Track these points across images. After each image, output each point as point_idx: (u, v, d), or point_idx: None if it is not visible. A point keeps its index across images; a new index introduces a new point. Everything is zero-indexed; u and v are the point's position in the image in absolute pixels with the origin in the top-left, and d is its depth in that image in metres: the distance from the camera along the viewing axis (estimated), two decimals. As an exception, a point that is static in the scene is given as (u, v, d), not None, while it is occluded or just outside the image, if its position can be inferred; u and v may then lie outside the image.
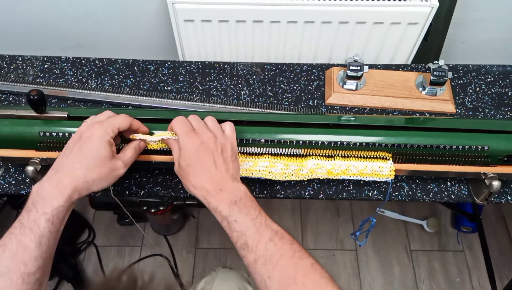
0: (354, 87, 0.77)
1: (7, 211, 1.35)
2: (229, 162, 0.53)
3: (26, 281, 0.44)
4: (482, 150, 0.60)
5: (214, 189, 0.50)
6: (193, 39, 0.90)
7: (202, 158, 0.51)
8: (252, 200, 0.51)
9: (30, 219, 0.47)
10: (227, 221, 0.49)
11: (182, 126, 0.54)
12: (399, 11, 0.83)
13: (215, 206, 0.50)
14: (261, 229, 0.48)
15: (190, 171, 0.52)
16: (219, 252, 1.36)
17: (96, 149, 0.51)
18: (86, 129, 0.52)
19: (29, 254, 0.45)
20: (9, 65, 0.81)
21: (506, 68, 0.83)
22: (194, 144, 0.52)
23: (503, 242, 1.40)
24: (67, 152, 0.51)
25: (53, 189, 0.48)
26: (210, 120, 0.56)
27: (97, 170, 0.51)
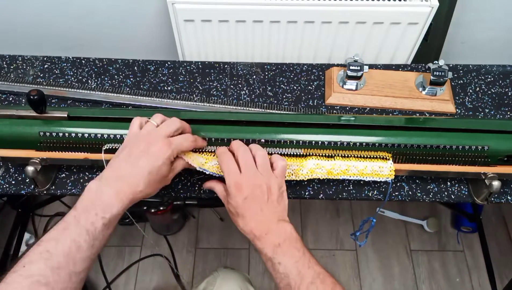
0: (354, 87, 0.77)
1: (7, 211, 1.35)
2: (276, 205, 0.54)
3: (72, 279, 0.45)
4: (482, 150, 0.60)
5: (260, 233, 0.52)
6: (193, 39, 0.90)
7: (249, 207, 0.53)
8: (297, 241, 0.52)
9: (89, 220, 0.47)
10: (271, 263, 0.51)
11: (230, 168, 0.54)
12: (399, 11, 0.83)
13: (261, 249, 0.52)
14: (303, 271, 0.49)
15: (238, 218, 0.54)
16: (219, 252, 1.36)
17: (160, 169, 0.52)
18: (155, 141, 0.52)
19: (81, 254, 0.46)
20: (9, 65, 0.81)
21: (506, 68, 0.83)
22: (242, 194, 0.53)
23: (503, 242, 1.39)
24: (131, 161, 0.51)
25: (114, 196, 0.49)
26: (261, 157, 0.56)
27: (154, 186, 0.52)
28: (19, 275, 0.43)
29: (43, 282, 0.43)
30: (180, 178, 0.68)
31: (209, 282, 0.81)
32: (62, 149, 0.61)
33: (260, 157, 0.56)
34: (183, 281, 1.29)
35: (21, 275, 0.43)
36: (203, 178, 0.68)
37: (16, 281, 0.43)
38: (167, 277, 1.31)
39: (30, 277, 0.43)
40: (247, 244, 1.38)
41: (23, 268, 0.44)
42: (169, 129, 0.54)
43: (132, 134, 0.55)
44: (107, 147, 0.60)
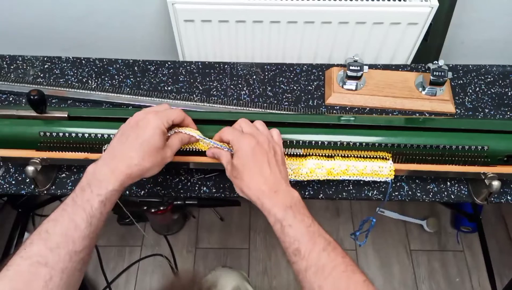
0: (354, 87, 0.77)
1: (7, 211, 1.35)
2: (280, 165, 0.54)
3: (72, 259, 0.45)
4: (482, 150, 0.60)
5: (269, 191, 0.51)
6: (193, 39, 0.90)
7: (257, 158, 0.52)
8: (305, 207, 0.51)
9: (84, 198, 0.47)
10: (280, 225, 0.49)
11: (233, 132, 0.55)
12: (399, 11, 0.83)
13: (269, 208, 0.50)
14: (315, 237, 0.48)
15: (245, 172, 0.52)
16: (219, 252, 1.36)
17: (152, 139, 0.51)
18: (143, 117, 0.53)
19: (79, 233, 0.46)
20: (9, 65, 0.81)
21: (506, 68, 0.83)
22: (251, 144, 0.53)
23: (503, 242, 1.40)
24: (123, 138, 0.52)
25: (110, 173, 0.49)
26: (260, 124, 0.57)
27: (150, 159, 0.51)
28: (20, 257, 0.44)
29: (43, 263, 0.43)
30: (180, 178, 0.68)
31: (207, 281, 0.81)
32: (62, 149, 0.61)
33: (260, 124, 0.57)
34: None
35: (22, 256, 0.44)
36: (203, 178, 0.68)
37: (16, 263, 0.43)
38: (167, 277, 1.31)
39: (30, 258, 0.43)
40: (247, 244, 1.38)
41: (24, 250, 0.44)
42: (157, 108, 0.55)
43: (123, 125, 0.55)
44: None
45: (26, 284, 0.42)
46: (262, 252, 1.36)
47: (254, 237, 1.39)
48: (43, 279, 0.43)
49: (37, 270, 0.43)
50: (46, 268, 0.43)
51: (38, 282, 0.42)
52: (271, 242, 1.38)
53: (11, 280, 0.42)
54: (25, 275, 0.42)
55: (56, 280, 0.43)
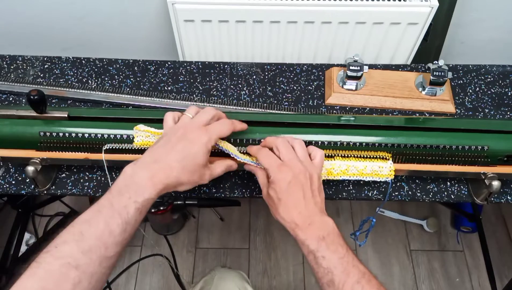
0: (354, 87, 0.77)
1: (7, 211, 1.35)
2: (317, 195, 0.53)
3: (102, 264, 0.44)
4: (482, 150, 0.60)
5: (303, 223, 0.51)
6: (193, 39, 0.90)
7: (292, 192, 0.52)
8: (339, 236, 0.51)
9: (121, 204, 0.46)
10: (314, 256, 0.49)
11: (270, 159, 0.54)
12: (399, 11, 0.83)
13: (303, 240, 0.50)
14: (349, 268, 0.48)
15: (280, 205, 0.52)
16: (219, 252, 1.36)
17: (197, 156, 0.51)
18: (191, 130, 0.52)
19: (112, 239, 0.45)
20: (9, 65, 0.81)
21: (506, 68, 0.83)
22: (286, 179, 0.52)
23: (503, 242, 1.40)
24: (168, 146, 0.51)
25: (148, 180, 0.48)
26: (300, 146, 0.56)
27: (189, 175, 0.51)
28: (51, 256, 0.43)
29: (74, 265, 0.42)
30: (180, 178, 0.68)
31: (206, 281, 0.81)
32: (62, 149, 0.61)
33: (299, 146, 0.56)
34: (183, 281, 1.29)
35: (53, 255, 0.43)
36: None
37: (47, 262, 0.43)
38: (167, 277, 1.31)
39: (61, 258, 0.43)
40: (247, 244, 1.38)
41: (55, 249, 0.43)
42: (205, 118, 0.54)
43: (168, 127, 0.55)
44: (107, 147, 0.60)
45: (56, 285, 0.41)
46: (262, 252, 1.37)
47: (254, 237, 1.39)
48: (72, 282, 0.42)
49: (67, 272, 0.42)
50: (77, 271, 0.42)
51: (67, 284, 0.42)
52: (271, 242, 1.38)
53: (42, 279, 0.41)
54: (56, 275, 0.42)
55: (85, 284, 0.43)
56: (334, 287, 0.47)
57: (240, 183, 0.68)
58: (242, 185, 0.68)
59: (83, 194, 0.67)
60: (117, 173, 0.68)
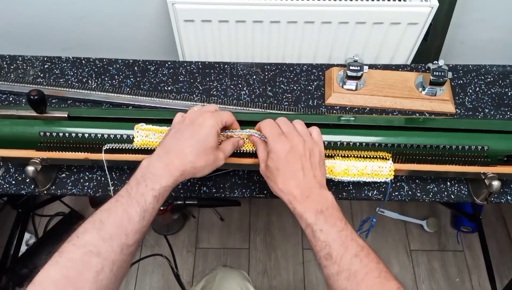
0: (354, 87, 0.77)
1: (7, 211, 1.35)
2: (316, 168, 0.53)
3: (123, 251, 0.45)
4: (482, 150, 0.60)
5: (301, 195, 0.50)
6: (193, 39, 0.90)
7: (291, 162, 0.52)
8: (338, 210, 0.50)
9: (139, 192, 0.47)
10: (311, 229, 0.49)
11: (271, 129, 0.54)
12: (399, 11, 0.83)
13: (301, 213, 0.50)
14: (347, 242, 0.47)
15: (279, 175, 0.52)
16: (219, 252, 1.36)
17: (207, 138, 0.52)
18: (198, 115, 0.53)
19: (132, 226, 0.46)
20: (9, 65, 0.81)
21: (506, 68, 0.83)
22: (285, 148, 0.52)
23: (503, 242, 1.40)
24: (178, 135, 0.52)
25: (164, 168, 0.49)
26: (299, 123, 0.56)
27: (204, 158, 0.51)
28: (72, 245, 0.44)
29: (95, 252, 0.43)
30: (180, 178, 0.68)
31: (208, 280, 0.81)
32: (62, 149, 0.61)
33: (299, 123, 0.56)
34: (183, 281, 1.29)
35: (74, 244, 0.44)
36: (203, 178, 0.68)
37: (69, 251, 0.43)
38: (167, 277, 1.31)
39: (83, 246, 0.43)
40: (247, 244, 1.38)
41: (77, 238, 0.44)
42: (210, 108, 0.56)
43: (175, 121, 0.56)
44: (107, 147, 0.60)
45: (78, 273, 0.42)
46: (262, 252, 1.37)
47: (254, 237, 1.39)
48: (94, 269, 0.42)
49: (89, 260, 0.43)
50: (98, 258, 0.43)
51: (90, 272, 0.42)
52: (271, 242, 1.38)
53: (63, 267, 0.42)
54: (78, 263, 0.42)
55: (107, 271, 0.43)
56: (331, 261, 0.47)
57: (240, 183, 0.68)
58: (242, 185, 0.68)
59: (83, 194, 0.67)
60: (117, 173, 0.68)
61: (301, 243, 1.38)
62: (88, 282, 0.42)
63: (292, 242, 1.38)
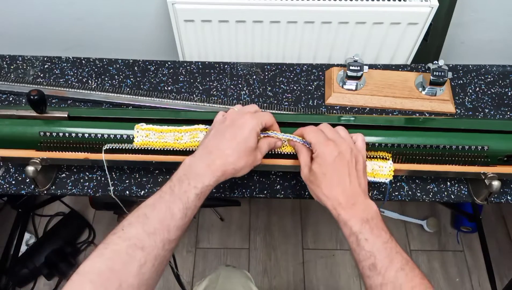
0: (354, 87, 0.77)
1: (7, 211, 1.35)
2: (361, 176, 0.53)
3: (165, 247, 0.46)
4: (482, 150, 0.60)
5: (347, 202, 0.50)
6: (193, 39, 0.90)
7: (338, 168, 0.51)
8: (382, 221, 0.50)
9: (182, 189, 0.48)
10: (356, 237, 0.49)
11: (317, 135, 0.54)
12: (399, 11, 0.83)
13: (346, 220, 0.50)
14: (392, 254, 0.47)
15: (324, 180, 0.52)
16: (219, 252, 1.36)
17: (248, 139, 0.52)
18: (239, 117, 0.54)
19: (174, 222, 0.47)
20: (9, 65, 0.81)
21: (506, 68, 0.83)
22: (332, 153, 0.52)
23: (503, 242, 1.40)
24: (219, 135, 0.53)
25: (206, 168, 0.50)
26: (342, 130, 0.56)
27: (245, 159, 0.52)
28: (118, 237, 0.45)
29: (139, 246, 0.44)
30: (180, 178, 0.68)
31: (211, 280, 0.81)
32: (62, 149, 0.61)
33: (342, 130, 0.56)
34: (183, 281, 1.28)
35: (120, 237, 0.45)
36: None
37: (115, 243, 0.44)
38: (167, 277, 1.31)
39: (128, 239, 0.44)
40: (247, 244, 1.38)
41: (122, 231, 0.45)
42: (250, 108, 0.56)
43: (216, 121, 0.57)
44: (107, 147, 0.60)
45: (123, 265, 0.43)
46: (262, 252, 1.37)
47: (254, 237, 1.39)
48: (138, 263, 0.43)
49: (134, 253, 0.43)
50: (142, 252, 0.44)
51: (133, 265, 0.43)
52: (271, 242, 1.38)
53: (109, 259, 0.43)
54: (123, 256, 0.43)
55: (149, 265, 0.44)
56: (375, 271, 0.47)
57: (240, 183, 0.68)
58: (242, 185, 0.68)
59: (83, 194, 0.67)
60: (117, 173, 0.68)
61: (301, 243, 1.38)
62: (132, 275, 0.43)
63: (292, 242, 1.38)
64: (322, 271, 1.33)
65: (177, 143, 0.59)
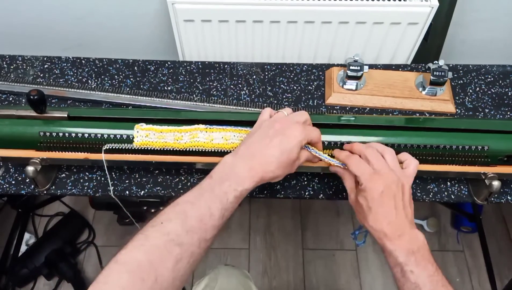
0: (354, 87, 0.77)
1: (7, 211, 1.35)
2: (407, 206, 0.52)
3: (201, 245, 0.46)
4: (482, 150, 0.60)
5: (393, 234, 0.50)
6: (193, 39, 0.90)
7: (384, 203, 0.51)
8: (429, 252, 0.50)
9: (222, 190, 0.48)
10: (401, 269, 0.49)
11: (362, 168, 0.53)
12: (399, 11, 0.83)
13: (391, 250, 0.50)
14: (438, 288, 0.48)
15: (370, 213, 0.52)
16: (219, 252, 1.36)
17: (292, 151, 0.51)
18: (289, 125, 0.53)
19: (212, 222, 0.47)
20: (9, 65, 0.81)
21: (506, 68, 0.83)
22: (378, 189, 0.51)
23: (503, 242, 1.40)
24: (266, 141, 0.52)
25: (247, 171, 0.49)
26: (390, 155, 0.55)
27: (283, 169, 0.52)
28: (157, 231, 0.45)
29: (177, 242, 0.44)
30: (180, 178, 0.68)
31: (211, 279, 0.81)
32: (62, 149, 0.61)
33: (389, 155, 0.55)
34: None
35: (159, 231, 0.45)
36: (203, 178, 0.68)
37: (154, 236, 0.44)
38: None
39: (167, 234, 0.44)
40: (247, 244, 1.38)
41: (161, 225, 0.45)
42: (301, 118, 0.55)
43: (262, 120, 0.56)
44: (107, 147, 0.60)
45: (160, 260, 0.43)
46: (262, 252, 1.36)
47: (254, 237, 1.39)
48: (175, 259, 0.43)
49: (172, 248, 0.43)
50: (180, 248, 0.44)
51: (170, 260, 0.43)
52: (271, 242, 1.38)
53: (148, 252, 0.43)
54: (161, 250, 0.43)
55: (185, 262, 0.44)
56: None
57: (240, 183, 0.68)
58: (242, 185, 0.68)
59: (83, 194, 0.67)
60: (117, 173, 0.68)
61: (301, 243, 1.38)
62: (168, 270, 0.43)
63: (292, 242, 1.38)
64: (322, 271, 1.33)
65: (177, 143, 0.59)
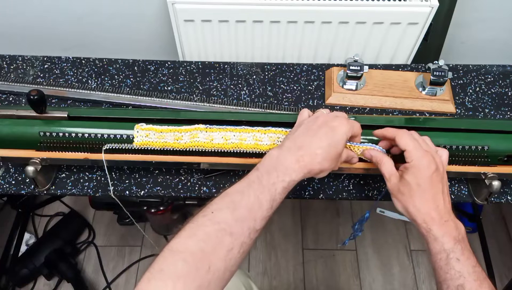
0: (354, 87, 0.77)
1: (7, 211, 1.35)
2: (448, 195, 0.52)
3: (250, 235, 0.46)
4: (482, 150, 0.60)
5: (440, 219, 0.50)
6: (193, 39, 0.90)
7: (434, 184, 0.51)
8: (468, 244, 0.50)
9: (270, 181, 0.48)
10: (446, 255, 0.49)
11: (414, 142, 0.52)
12: (399, 11, 0.83)
13: (438, 236, 0.49)
14: (481, 279, 0.48)
15: (418, 192, 0.51)
16: (219, 252, 1.36)
17: (338, 143, 0.51)
18: (332, 119, 0.52)
19: (261, 213, 0.46)
20: (9, 65, 0.81)
21: (506, 68, 0.83)
22: (431, 167, 0.51)
23: (503, 242, 1.39)
24: (310, 133, 0.51)
25: (295, 163, 0.49)
26: (430, 141, 0.55)
27: (330, 162, 0.51)
28: (208, 220, 0.45)
29: (228, 231, 0.44)
30: (180, 178, 0.68)
31: None
32: (62, 149, 0.61)
33: (430, 140, 0.55)
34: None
35: (210, 219, 0.45)
36: (203, 178, 0.68)
37: (205, 225, 0.44)
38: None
39: (218, 224, 0.44)
40: (247, 244, 1.38)
41: (211, 214, 0.45)
42: (341, 113, 0.55)
43: (302, 119, 0.55)
44: (107, 147, 0.60)
45: (213, 249, 0.43)
46: (262, 252, 1.36)
47: (254, 237, 1.39)
48: (226, 248, 0.43)
49: (223, 238, 0.43)
50: (231, 238, 0.44)
51: (222, 249, 0.43)
52: (271, 242, 1.38)
53: (200, 241, 0.43)
54: (213, 239, 0.43)
55: (235, 251, 0.44)
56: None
57: (240, 183, 0.68)
58: (242, 185, 0.68)
59: (83, 194, 0.67)
60: (117, 173, 0.68)
61: (301, 243, 1.38)
62: (220, 259, 0.43)
63: (292, 242, 1.38)
64: (322, 271, 1.33)
65: (177, 143, 0.59)
